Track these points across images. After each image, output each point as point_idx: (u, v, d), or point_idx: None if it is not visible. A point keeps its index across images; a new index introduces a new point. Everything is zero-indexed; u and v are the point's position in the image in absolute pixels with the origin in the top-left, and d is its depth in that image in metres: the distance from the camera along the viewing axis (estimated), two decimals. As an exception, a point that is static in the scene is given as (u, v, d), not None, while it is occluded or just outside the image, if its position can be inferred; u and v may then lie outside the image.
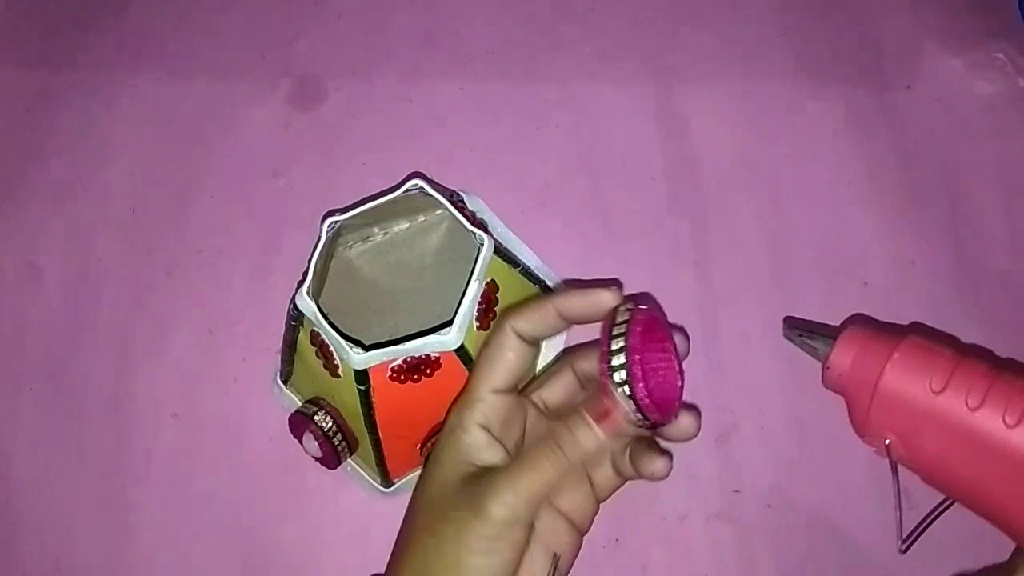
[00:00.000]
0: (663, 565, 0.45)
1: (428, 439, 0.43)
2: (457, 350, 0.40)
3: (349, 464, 0.46)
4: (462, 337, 0.39)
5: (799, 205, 0.52)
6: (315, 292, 0.41)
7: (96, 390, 0.49)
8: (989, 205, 0.52)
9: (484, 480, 0.35)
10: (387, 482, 0.45)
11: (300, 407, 0.44)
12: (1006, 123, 0.54)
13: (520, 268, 0.44)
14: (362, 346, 0.39)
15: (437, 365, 0.40)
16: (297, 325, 0.43)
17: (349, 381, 0.40)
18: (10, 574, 0.47)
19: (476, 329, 0.41)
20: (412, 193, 0.43)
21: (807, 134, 0.54)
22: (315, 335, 0.41)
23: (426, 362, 0.40)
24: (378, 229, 0.47)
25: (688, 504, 0.46)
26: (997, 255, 0.51)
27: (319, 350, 0.42)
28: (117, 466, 0.48)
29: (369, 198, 0.43)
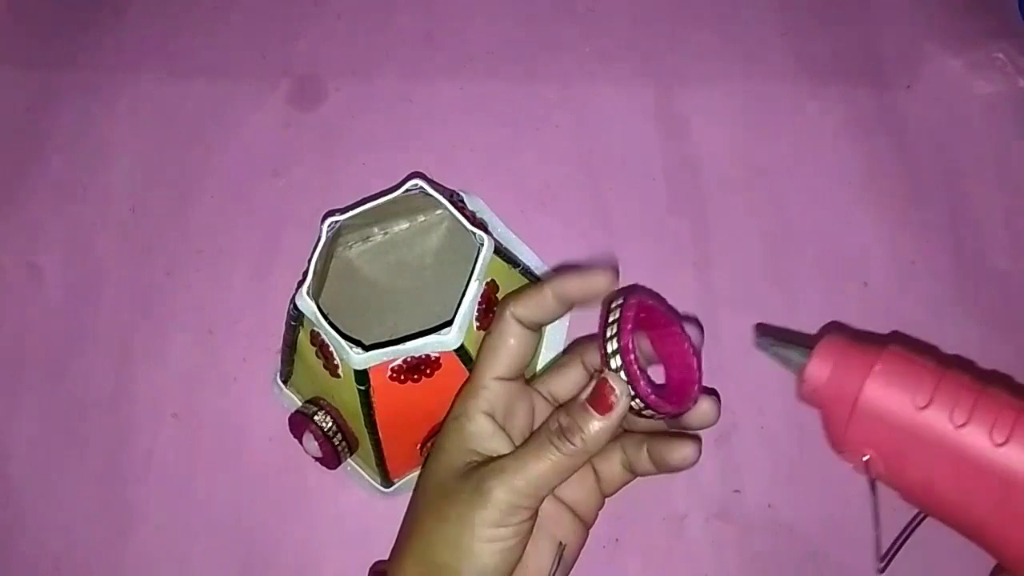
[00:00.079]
0: (663, 565, 0.45)
1: (428, 439, 0.43)
2: (457, 350, 0.40)
3: (349, 464, 0.46)
4: (462, 337, 0.39)
5: (799, 205, 0.52)
6: (315, 292, 0.41)
7: (96, 390, 0.49)
8: (989, 205, 0.52)
9: (490, 466, 0.35)
10: (387, 482, 0.45)
11: (300, 407, 0.44)
12: (1006, 123, 0.54)
13: (520, 268, 0.44)
14: (362, 346, 0.39)
15: (437, 365, 0.40)
16: (297, 325, 0.43)
17: (349, 381, 0.40)
18: (10, 574, 0.47)
19: (476, 329, 0.41)
20: (412, 193, 0.43)
21: (807, 134, 0.54)
22: (315, 335, 0.41)
23: (426, 362, 0.40)
24: (378, 229, 0.47)
25: (688, 504, 0.46)
26: (997, 255, 0.51)
27: (319, 350, 0.42)
28: (117, 466, 0.48)
29: (369, 198, 0.43)
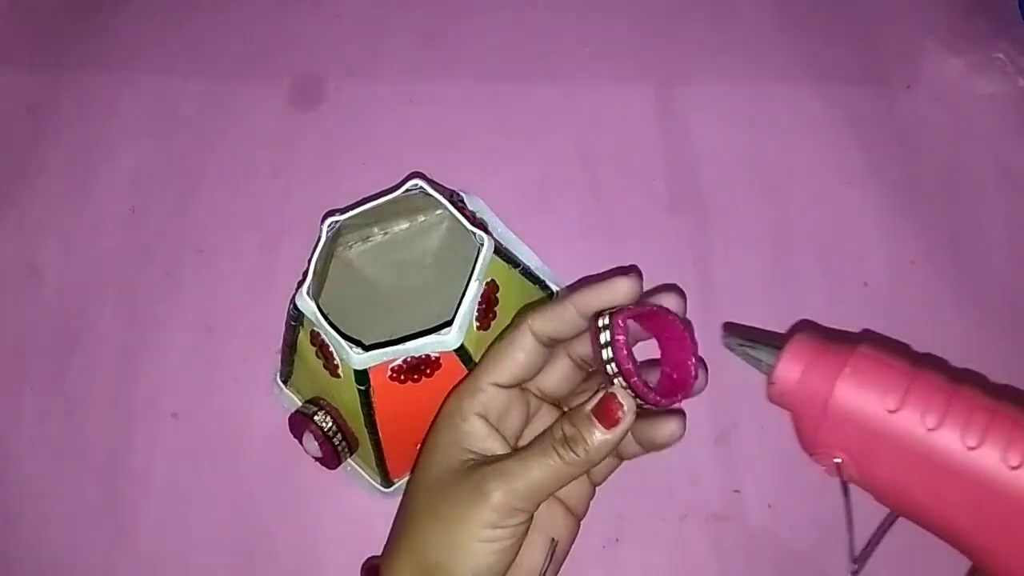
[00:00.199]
0: (663, 565, 0.45)
1: (426, 439, 0.43)
2: (457, 350, 0.40)
3: (349, 464, 0.46)
4: (462, 337, 0.39)
5: (799, 205, 0.52)
6: (315, 292, 0.41)
7: (96, 390, 0.49)
8: (989, 205, 0.52)
9: (491, 467, 0.35)
10: (387, 482, 0.45)
11: (300, 407, 0.44)
12: (1006, 123, 0.54)
13: (520, 268, 0.44)
14: (362, 346, 0.39)
15: (437, 365, 0.40)
16: (297, 325, 0.43)
17: (349, 381, 0.40)
18: (10, 574, 0.47)
19: (476, 329, 0.41)
20: (412, 193, 0.43)
21: (807, 134, 0.54)
22: (315, 335, 0.41)
23: (426, 362, 0.40)
24: (378, 229, 0.47)
25: (688, 504, 0.46)
26: (997, 255, 0.51)
27: (319, 350, 0.42)
28: (117, 466, 0.48)
29: (369, 198, 0.43)
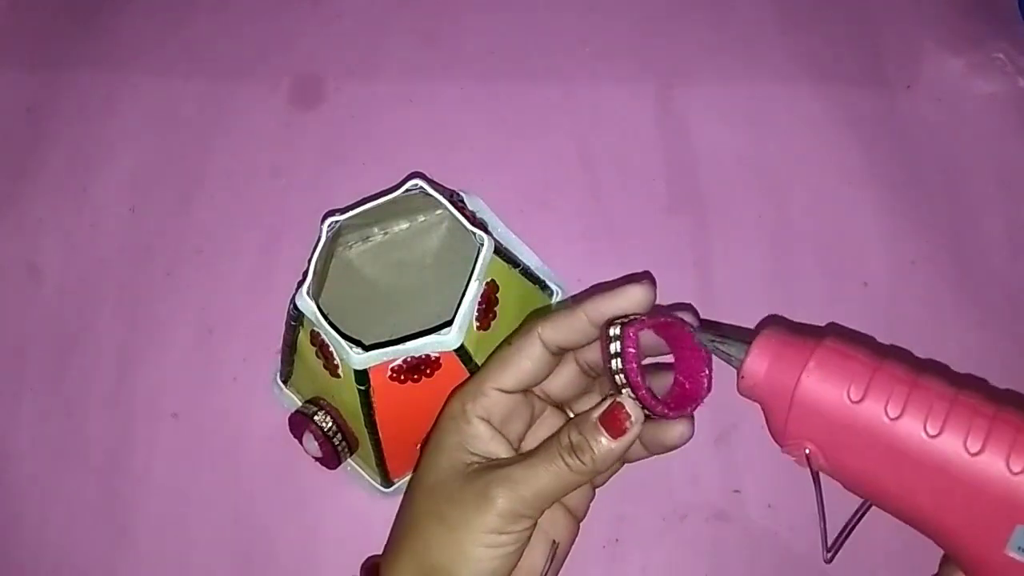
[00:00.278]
0: (663, 565, 0.45)
1: (427, 439, 0.43)
2: (457, 350, 0.40)
3: (349, 464, 0.46)
4: (462, 337, 0.39)
5: (799, 205, 0.52)
6: (315, 292, 0.41)
7: (96, 390, 0.49)
8: (989, 205, 0.52)
9: (496, 473, 0.35)
10: (387, 482, 0.45)
11: (300, 407, 0.44)
12: (1006, 123, 0.54)
13: (520, 268, 0.44)
14: (362, 346, 0.39)
15: (437, 365, 0.40)
16: (297, 325, 0.43)
17: (349, 381, 0.40)
18: (10, 574, 0.47)
19: (476, 329, 0.41)
20: (412, 193, 0.43)
21: (807, 134, 0.54)
22: (315, 335, 0.41)
23: (426, 362, 0.40)
24: (378, 229, 0.47)
25: (688, 504, 0.46)
26: (997, 255, 0.51)
27: (319, 350, 0.42)
28: (117, 466, 0.48)
29: (369, 198, 0.43)
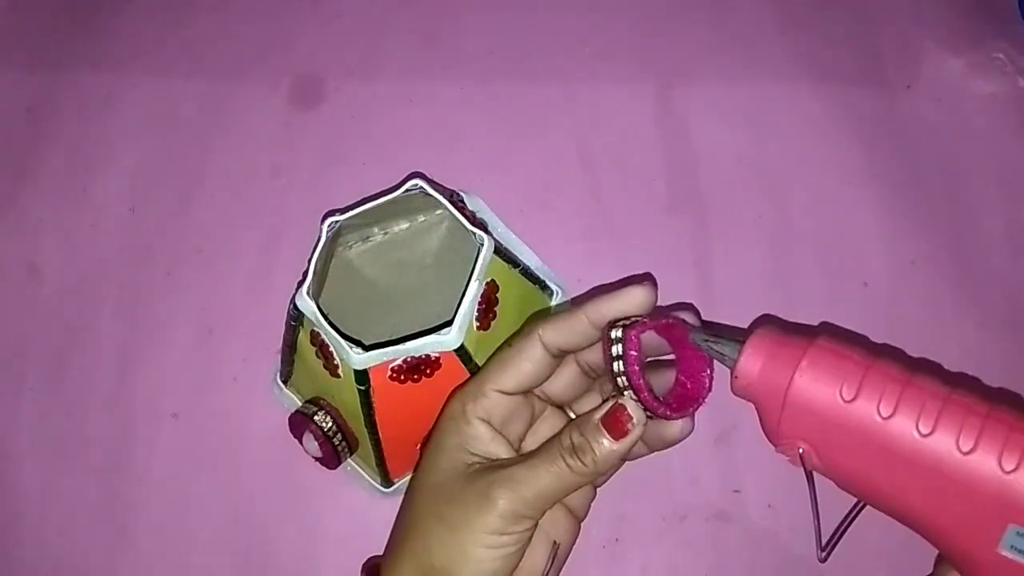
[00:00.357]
0: (663, 565, 0.45)
1: (428, 439, 0.43)
2: (457, 350, 0.40)
3: (349, 464, 0.46)
4: (462, 337, 0.39)
5: (799, 205, 0.52)
6: (315, 292, 0.41)
7: (96, 390, 0.49)
8: (989, 205, 0.52)
9: (497, 474, 0.35)
10: (387, 482, 0.45)
11: (300, 407, 0.44)
12: (1006, 123, 0.54)
13: (520, 268, 0.44)
14: (362, 346, 0.39)
15: (437, 365, 0.40)
16: (297, 325, 0.43)
17: (349, 381, 0.40)
18: (10, 574, 0.47)
19: (476, 329, 0.41)
20: (412, 193, 0.43)
21: (807, 134, 0.54)
22: (315, 335, 0.41)
23: (426, 362, 0.40)
24: (378, 229, 0.47)
25: (688, 504, 0.46)
26: (997, 255, 0.51)
27: (319, 350, 0.42)
28: (117, 466, 0.48)
29: (369, 198, 0.43)
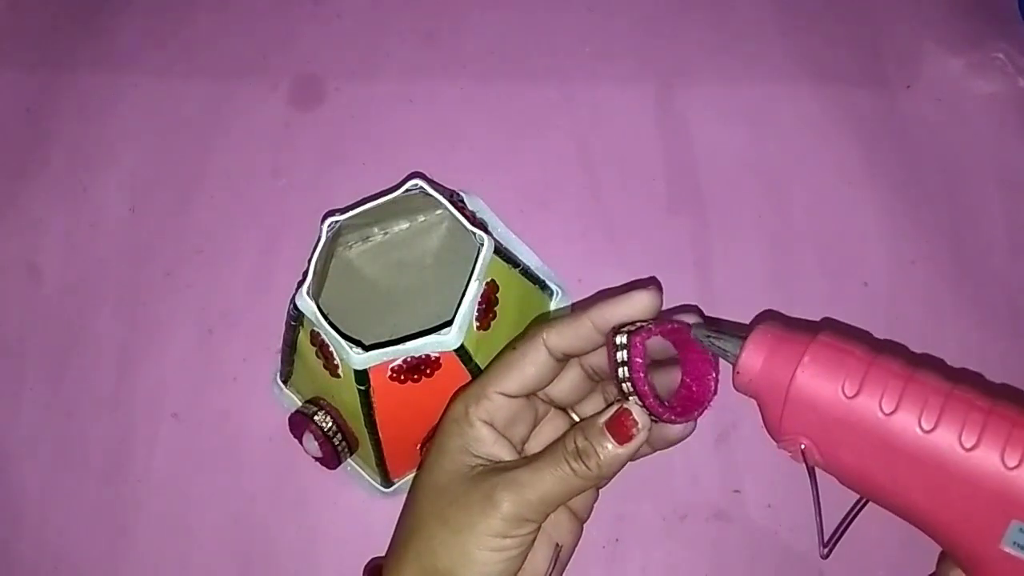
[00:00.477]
0: (663, 565, 0.45)
1: (428, 439, 0.43)
2: (457, 350, 0.40)
3: (349, 464, 0.46)
4: (462, 337, 0.39)
5: (799, 205, 0.52)
6: (315, 292, 0.41)
7: (96, 390, 0.49)
8: (989, 205, 0.52)
9: (501, 476, 0.35)
10: (387, 482, 0.45)
11: (300, 407, 0.44)
12: (1006, 123, 0.54)
13: (520, 268, 0.44)
14: (362, 346, 0.39)
15: (437, 365, 0.40)
16: (297, 325, 0.43)
17: (349, 381, 0.40)
18: (10, 574, 0.47)
19: (476, 329, 0.41)
20: (412, 193, 0.43)
21: (807, 134, 0.54)
22: (315, 335, 0.41)
23: (426, 362, 0.40)
24: (378, 229, 0.47)
25: (688, 504, 0.46)
26: (997, 255, 0.51)
27: (319, 350, 0.42)
28: (117, 466, 0.48)
29: (369, 198, 0.43)
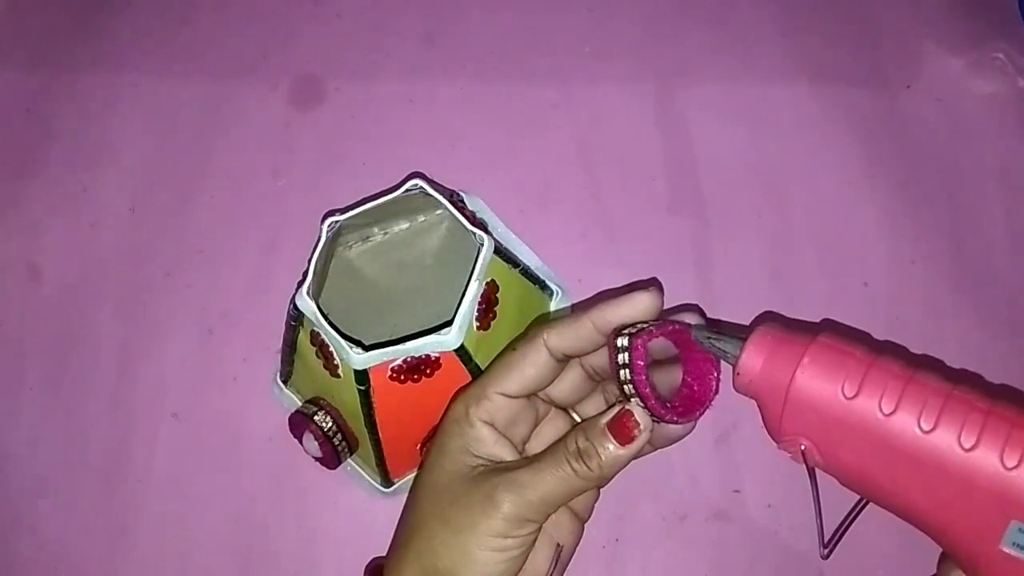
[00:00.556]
0: (663, 565, 0.45)
1: (428, 439, 0.43)
2: (457, 350, 0.40)
3: (349, 464, 0.46)
4: (462, 337, 0.39)
5: (799, 205, 0.52)
6: (315, 292, 0.41)
7: (96, 390, 0.49)
8: (989, 205, 0.52)
9: (502, 477, 0.35)
10: (387, 482, 0.45)
11: (300, 407, 0.44)
12: (1006, 123, 0.54)
13: (520, 268, 0.44)
14: (362, 346, 0.39)
15: (437, 365, 0.40)
16: (297, 325, 0.43)
17: (349, 381, 0.40)
18: (10, 574, 0.47)
19: (476, 329, 0.41)
20: (412, 193, 0.43)
21: (807, 134, 0.54)
22: (315, 335, 0.41)
23: (426, 362, 0.40)
24: (378, 229, 0.47)
25: (688, 504, 0.46)
26: (997, 255, 0.51)
27: (319, 350, 0.42)
28: (117, 466, 0.48)
29: (369, 198, 0.43)
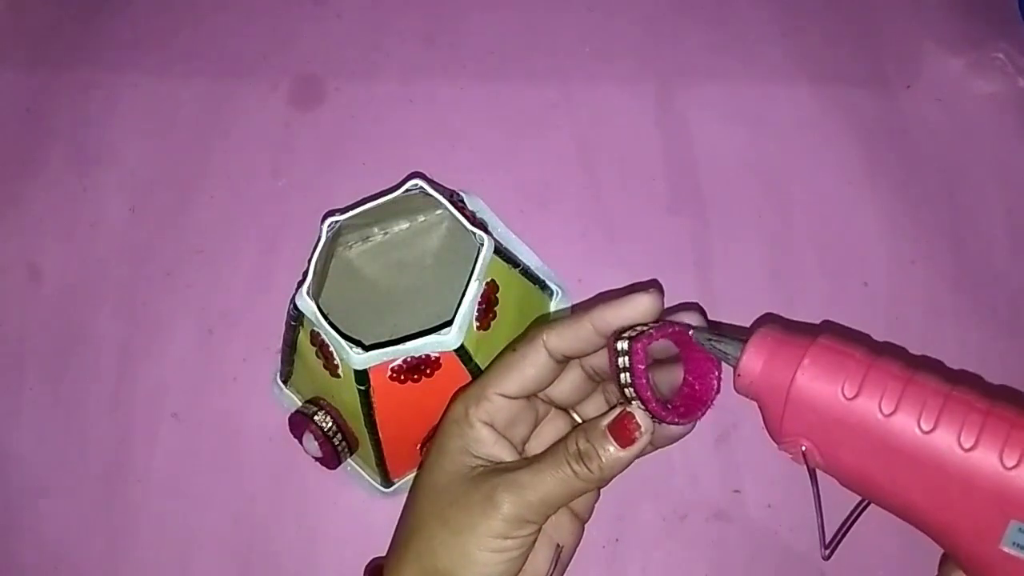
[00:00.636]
0: (663, 565, 0.45)
1: (428, 439, 0.43)
2: (457, 350, 0.40)
3: (349, 464, 0.46)
4: (462, 337, 0.39)
5: (799, 205, 0.52)
6: (315, 292, 0.41)
7: (96, 390, 0.49)
8: (989, 205, 0.52)
9: (502, 478, 0.35)
10: (387, 482, 0.45)
11: (300, 407, 0.44)
12: (1006, 123, 0.54)
13: (520, 268, 0.44)
14: (362, 346, 0.39)
15: (437, 365, 0.40)
16: (297, 325, 0.43)
17: (349, 381, 0.40)
18: (10, 574, 0.47)
19: (476, 329, 0.41)
20: (412, 193, 0.43)
21: (807, 134, 0.54)
22: (315, 335, 0.41)
23: (426, 362, 0.40)
24: (378, 229, 0.47)
25: (688, 504, 0.46)
26: (997, 255, 0.51)
27: (319, 350, 0.42)
28: (117, 466, 0.48)
29: (369, 198, 0.43)
